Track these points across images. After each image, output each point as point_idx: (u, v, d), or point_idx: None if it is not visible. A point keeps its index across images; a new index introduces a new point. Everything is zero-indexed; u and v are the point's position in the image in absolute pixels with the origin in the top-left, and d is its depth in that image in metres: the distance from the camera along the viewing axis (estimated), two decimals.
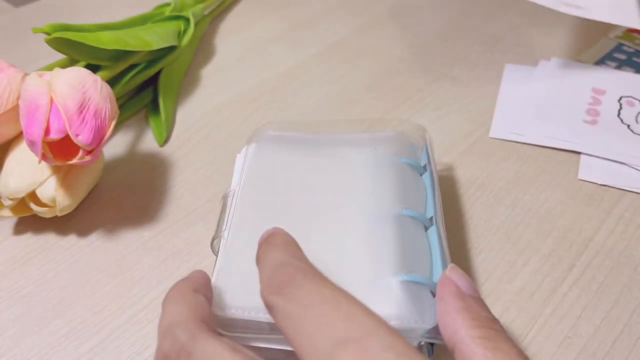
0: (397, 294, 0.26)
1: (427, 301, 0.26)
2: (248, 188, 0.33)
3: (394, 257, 0.28)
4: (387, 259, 0.28)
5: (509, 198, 0.39)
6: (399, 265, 0.27)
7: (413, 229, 0.30)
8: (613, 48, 0.53)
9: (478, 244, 0.36)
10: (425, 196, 0.33)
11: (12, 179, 0.34)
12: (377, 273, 0.27)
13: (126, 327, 0.32)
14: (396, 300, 0.26)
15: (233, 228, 0.30)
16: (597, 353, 0.31)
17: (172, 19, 0.50)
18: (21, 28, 0.55)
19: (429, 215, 0.31)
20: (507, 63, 0.50)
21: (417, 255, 0.29)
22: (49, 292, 0.34)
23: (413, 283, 0.27)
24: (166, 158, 0.42)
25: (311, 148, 0.35)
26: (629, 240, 0.36)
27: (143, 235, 0.37)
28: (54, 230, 0.37)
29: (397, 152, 0.35)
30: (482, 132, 0.44)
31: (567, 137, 0.43)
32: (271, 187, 0.32)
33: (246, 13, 0.59)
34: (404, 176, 0.33)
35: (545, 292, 0.33)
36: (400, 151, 0.35)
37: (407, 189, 0.32)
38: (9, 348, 0.31)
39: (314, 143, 0.36)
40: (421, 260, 0.29)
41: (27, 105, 0.33)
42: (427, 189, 0.33)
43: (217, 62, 0.52)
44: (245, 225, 0.30)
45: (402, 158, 0.34)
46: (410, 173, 0.34)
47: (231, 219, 0.31)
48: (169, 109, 0.45)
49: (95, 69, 0.41)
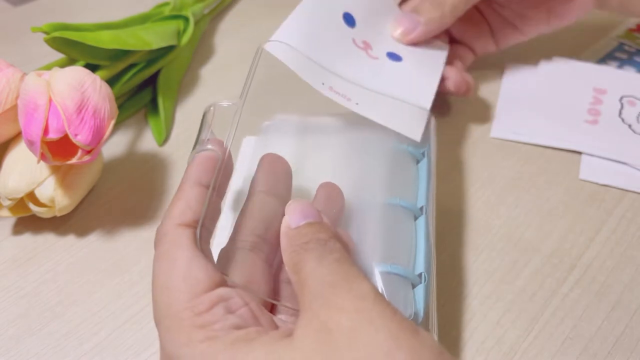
0: (378, 285, 0.27)
1: (406, 293, 0.27)
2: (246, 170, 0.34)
3: (377, 248, 0.28)
4: (370, 249, 0.28)
5: (510, 198, 0.39)
6: (381, 255, 0.28)
7: (402, 218, 0.31)
8: (614, 47, 0.52)
9: (479, 244, 0.36)
10: (419, 185, 0.33)
11: (11, 179, 0.34)
12: (361, 262, 0.28)
13: (125, 327, 0.32)
14: None
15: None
16: (598, 354, 0.30)
17: (172, 18, 0.50)
18: (20, 27, 0.55)
19: (420, 205, 0.31)
20: (508, 62, 0.50)
21: (401, 245, 0.30)
22: (48, 292, 0.33)
23: (394, 274, 0.27)
24: (165, 158, 0.42)
25: (312, 130, 0.36)
26: (630, 240, 0.36)
27: (142, 235, 0.37)
28: (53, 231, 0.37)
29: (397, 136, 0.35)
30: (483, 132, 0.44)
31: (568, 137, 0.43)
32: None
33: (246, 13, 0.58)
34: (399, 163, 0.33)
35: (546, 292, 0.33)
36: (400, 136, 0.35)
37: (401, 177, 0.33)
38: (8, 348, 0.31)
39: (315, 126, 0.36)
40: (405, 251, 0.29)
41: (26, 104, 0.33)
42: (422, 178, 0.33)
43: (216, 62, 0.52)
44: None
45: (401, 144, 0.34)
46: (406, 160, 0.34)
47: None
48: (169, 109, 0.45)
49: (95, 68, 0.40)
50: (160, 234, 0.25)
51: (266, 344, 0.22)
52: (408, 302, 0.27)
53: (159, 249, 0.25)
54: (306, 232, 0.25)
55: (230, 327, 0.23)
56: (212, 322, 0.23)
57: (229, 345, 0.22)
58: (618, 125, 0.44)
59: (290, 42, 0.34)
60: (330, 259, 0.23)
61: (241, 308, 0.24)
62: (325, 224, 0.25)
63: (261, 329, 0.23)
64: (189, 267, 0.24)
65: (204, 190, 0.26)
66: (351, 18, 0.39)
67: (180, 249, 0.24)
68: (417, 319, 0.27)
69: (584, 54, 0.52)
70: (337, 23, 0.38)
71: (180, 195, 0.26)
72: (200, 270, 0.24)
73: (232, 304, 0.24)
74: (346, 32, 0.38)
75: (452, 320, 0.32)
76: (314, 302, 0.22)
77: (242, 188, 0.33)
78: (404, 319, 0.22)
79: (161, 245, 0.25)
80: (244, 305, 0.24)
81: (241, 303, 0.24)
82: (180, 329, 0.23)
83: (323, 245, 0.24)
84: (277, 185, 0.29)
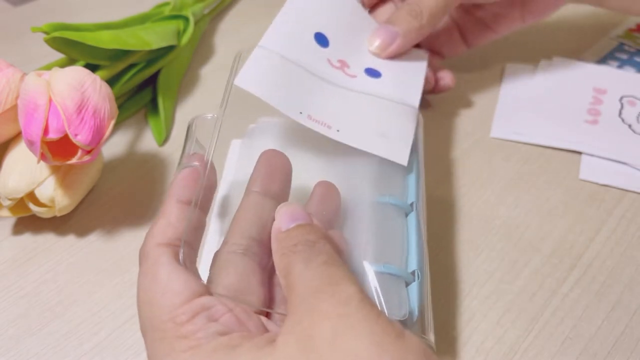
0: (372, 286, 0.27)
1: (400, 292, 0.27)
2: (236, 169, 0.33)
3: (370, 247, 0.28)
4: (363, 248, 0.28)
5: (510, 198, 0.39)
6: (374, 255, 0.28)
7: (393, 216, 0.31)
8: (614, 47, 0.52)
9: (479, 244, 0.36)
10: (407, 181, 0.33)
11: (11, 179, 0.34)
12: (353, 263, 0.28)
13: (125, 327, 0.32)
14: (370, 292, 0.27)
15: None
16: (598, 354, 0.30)
17: (172, 18, 0.50)
18: (20, 27, 0.55)
19: (410, 201, 0.31)
20: (508, 63, 0.50)
21: (393, 244, 0.30)
22: (48, 292, 0.33)
23: (387, 274, 0.27)
24: (165, 158, 0.42)
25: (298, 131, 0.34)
26: (630, 240, 0.36)
27: (142, 235, 0.36)
28: (52, 231, 0.37)
29: None
30: (483, 132, 0.44)
31: (568, 137, 0.43)
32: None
33: (246, 12, 0.58)
34: (386, 161, 0.33)
35: (546, 292, 0.33)
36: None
37: (389, 175, 0.32)
38: (8, 348, 0.31)
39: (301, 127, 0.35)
40: (397, 249, 0.29)
41: (26, 104, 0.33)
42: (411, 173, 0.33)
43: (216, 62, 0.52)
44: None
45: None
46: None
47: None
48: (168, 109, 0.45)
49: (94, 68, 0.40)
50: (142, 253, 0.26)
51: (249, 351, 0.22)
52: (402, 301, 0.27)
53: (141, 267, 0.25)
54: (295, 234, 0.25)
55: (214, 334, 0.23)
56: (194, 332, 0.23)
57: (211, 353, 0.22)
58: (618, 125, 0.44)
59: (262, 73, 0.32)
60: (317, 262, 0.23)
61: (224, 315, 0.24)
62: (315, 226, 0.25)
63: (246, 335, 0.23)
64: (168, 281, 0.24)
65: (185, 207, 0.27)
66: (324, 38, 0.37)
67: (161, 265, 0.25)
68: (412, 317, 0.27)
69: (584, 54, 0.52)
70: (309, 46, 0.36)
71: (162, 214, 0.27)
72: (180, 282, 0.24)
73: (215, 312, 0.24)
74: (320, 54, 0.36)
75: (452, 320, 0.32)
76: (299, 307, 0.22)
77: (228, 193, 0.33)
78: (388, 322, 0.21)
79: (143, 263, 0.25)
80: (228, 312, 0.24)
81: (224, 310, 0.24)
82: (163, 340, 0.23)
83: (311, 247, 0.24)
84: (273, 184, 0.29)
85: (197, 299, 0.24)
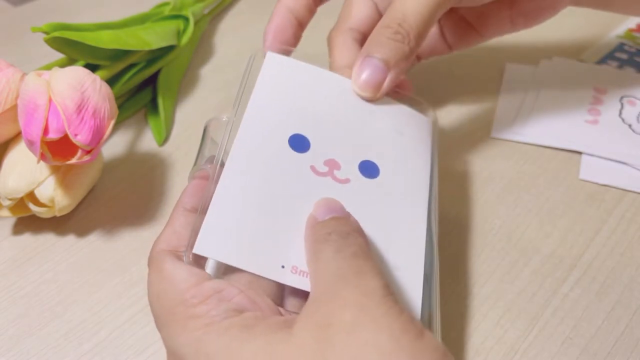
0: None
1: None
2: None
3: None
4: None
5: (510, 198, 0.39)
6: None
7: None
8: (615, 47, 0.52)
9: (479, 244, 0.36)
10: None
11: (10, 179, 0.34)
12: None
13: (125, 327, 0.32)
14: None
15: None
16: (598, 354, 0.30)
17: (172, 18, 0.50)
18: (20, 27, 0.55)
19: None
20: (508, 63, 0.50)
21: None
22: (48, 292, 0.33)
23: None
24: (165, 158, 0.42)
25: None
26: (630, 240, 0.36)
27: (142, 235, 0.37)
28: (52, 231, 0.37)
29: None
30: (483, 132, 0.44)
31: (568, 136, 0.43)
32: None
33: (246, 12, 0.58)
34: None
35: (546, 292, 0.33)
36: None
37: None
38: (8, 348, 0.31)
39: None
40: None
41: (26, 104, 0.33)
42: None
43: (216, 62, 0.52)
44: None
45: None
46: None
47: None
48: (168, 109, 0.45)
49: (94, 68, 0.40)
50: (149, 259, 0.26)
51: (263, 332, 0.22)
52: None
53: (149, 269, 0.26)
54: (330, 224, 0.25)
55: (227, 311, 0.23)
56: (208, 311, 0.23)
57: (225, 330, 0.22)
58: (618, 125, 0.44)
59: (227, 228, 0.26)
60: (347, 252, 0.23)
61: (236, 296, 0.24)
62: (351, 220, 0.26)
63: (259, 314, 0.23)
64: (173, 271, 0.24)
65: (191, 215, 0.27)
66: (302, 139, 0.29)
67: (165, 263, 0.25)
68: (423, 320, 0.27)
69: (584, 54, 0.52)
70: (283, 159, 0.28)
71: (170, 221, 0.27)
72: (185, 271, 0.24)
73: (227, 294, 0.24)
74: (300, 163, 0.28)
75: (452, 320, 0.32)
76: (323, 293, 0.22)
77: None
78: (410, 320, 0.21)
79: (150, 267, 0.26)
80: (239, 293, 0.24)
81: (235, 292, 0.24)
82: (176, 322, 0.23)
83: (344, 238, 0.24)
84: None
85: (206, 282, 0.24)
